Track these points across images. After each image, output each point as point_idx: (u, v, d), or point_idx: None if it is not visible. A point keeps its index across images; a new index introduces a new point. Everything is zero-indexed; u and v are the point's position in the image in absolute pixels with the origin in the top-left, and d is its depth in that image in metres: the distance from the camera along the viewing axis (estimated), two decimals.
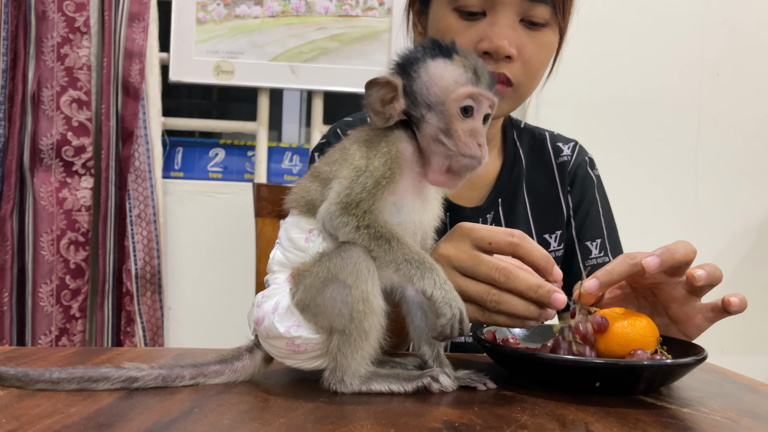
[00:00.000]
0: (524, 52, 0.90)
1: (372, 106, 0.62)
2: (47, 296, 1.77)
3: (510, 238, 0.66)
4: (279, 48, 1.93)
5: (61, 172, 1.79)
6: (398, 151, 0.61)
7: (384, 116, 0.61)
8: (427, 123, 0.61)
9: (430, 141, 0.61)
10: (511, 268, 0.65)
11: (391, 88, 0.61)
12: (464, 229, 0.69)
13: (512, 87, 0.91)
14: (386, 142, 0.61)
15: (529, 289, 0.64)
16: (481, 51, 0.89)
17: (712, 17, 2.07)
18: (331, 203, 0.60)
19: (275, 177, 2.04)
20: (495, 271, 0.65)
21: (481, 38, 0.88)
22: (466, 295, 0.66)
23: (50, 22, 1.76)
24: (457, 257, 0.67)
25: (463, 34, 0.89)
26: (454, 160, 0.61)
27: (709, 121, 2.08)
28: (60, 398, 0.55)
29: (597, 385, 0.61)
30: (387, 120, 0.61)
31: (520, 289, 0.64)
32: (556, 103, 1.96)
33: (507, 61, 0.89)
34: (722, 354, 2.05)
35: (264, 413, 0.53)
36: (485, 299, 0.65)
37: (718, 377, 0.73)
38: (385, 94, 0.61)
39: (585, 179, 1.07)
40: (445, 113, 0.61)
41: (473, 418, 0.53)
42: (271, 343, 0.62)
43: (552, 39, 0.93)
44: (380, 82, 0.61)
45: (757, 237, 2.12)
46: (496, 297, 0.65)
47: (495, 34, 0.87)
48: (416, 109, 0.61)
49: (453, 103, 0.61)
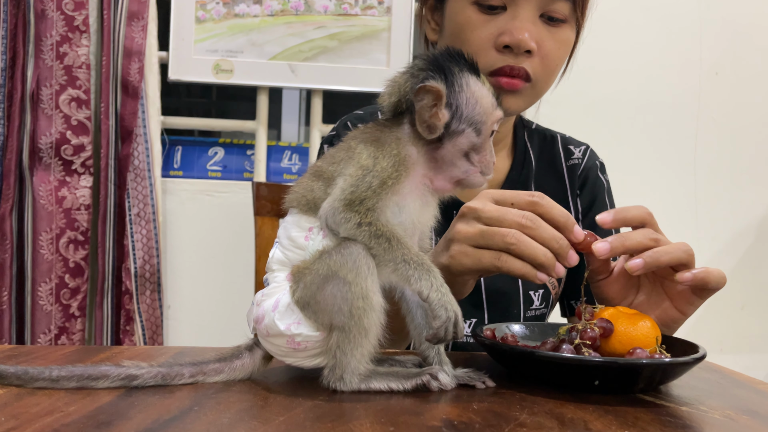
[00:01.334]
0: (543, 48, 0.90)
1: (421, 115, 0.61)
2: (46, 295, 1.77)
3: (530, 197, 0.69)
4: (278, 47, 1.92)
5: (61, 170, 1.79)
6: (407, 154, 0.62)
7: (429, 126, 0.61)
8: (465, 138, 0.62)
9: (458, 154, 0.63)
10: (539, 218, 0.68)
11: (436, 96, 0.61)
12: (488, 192, 0.72)
13: (530, 83, 0.91)
14: (396, 144, 0.61)
15: (552, 239, 0.67)
16: (501, 45, 0.88)
17: (711, 16, 2.07)
18: (335, 199, 0.60)
19: (274, 176, 2.04)
20: (522, 218, 0.67)
21: (502, 32, 0.88)
22: (489, 241, 0.68)
23: (49, 20, 1.76)
24: (484, 209, 0.69)
25: (483, 28, 0.89)
26: (471, 175, 0.63)
27: (708, 120, 2.08)
28: (59, 396, 0.55)
29: (596, 384, 0.61)
30: (432, 130, 0.61)
31: (543, 237, 0.67)
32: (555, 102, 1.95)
33: (527, 56, 0.89)
34: (721, 353, 2.05)
35: (263, 411, 0.53)
36: (508, 240, 0.67)
37: (717, 376, 0.73)
38: (429, 102, 0.61)
39: (596, 183, 1.07)
40: (483, 133, 0.63)
41: (472, 417, 0.53)
42: (271, 342, 0.62)
43: (570, 35, 0.93)
44: (429, 89, 0.61)
45: (755, 236, 2.12)
46: (521, 238, 0.67)
47: (516, 27, 0.87)
48: (457, 123, 0.62)
49: (490, 126, 0.63)
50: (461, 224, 0.71)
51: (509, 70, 0.89)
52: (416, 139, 0.62)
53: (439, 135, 0.61)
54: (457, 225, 0.71)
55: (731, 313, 2.08)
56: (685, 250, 0.70)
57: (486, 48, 0.89)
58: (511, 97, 0.91)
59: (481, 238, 0.69)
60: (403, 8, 1.94)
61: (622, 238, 0.70)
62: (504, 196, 0.71)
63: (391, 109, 0.64)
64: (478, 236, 0.69)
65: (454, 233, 0.71)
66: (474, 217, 0.70)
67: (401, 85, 0.63)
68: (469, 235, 0.70)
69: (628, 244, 0.70)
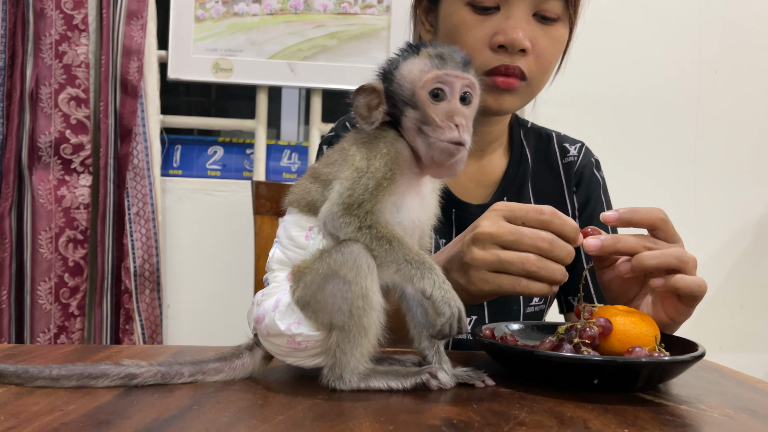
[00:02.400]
0: (538, 46, 0.90)
1: (358, 112, 0.63)
2: (46, 294, 1.77)
3: (541, 216, 0.70)
4: (278, 46, 1.92)
5: (60, 169, 1.79)
6: (397, 151, 0.62)
7: (369, 120, 0.63)
8: (406, 117, 0.62)
9: (414, 135, 0.62)
10: (554, 237, 0.69)
11: (376, 93, 0.63)
12: (497, 208, 0.72)
13: (525, 81, 0.91)
14: (385, 143, 0.62)
15: (568, 257, 0.69)
16: (495, 45, 0.89)
17: (710, 15, 2.07)
18: (333, 204, 0.60)
19: (274, 175, 2.04)
20: (540, 241, 0.68)
21: (496, 32, 0.89)
22: (509, 268, 0.69)
23: (48, 19, 1.76)
24: (498, 232, 0.70)
25: (477, 29, 0.90)
26: (434, 149, 0.61)
27: (708, 118, 2.08)
28: (59, 395, 0.55)
29: (595, 383, 0.61)
30: (371, 123, 0.63)
31: (561, 257, 0.69)
32: (555, 101, 1.95)
33: (521, 55, 0.90)
34: (720, 351, 2.06)
35: (263, 410, 0.53)
36: (527, 267, 0.68)
37: (716, 374, 0.73)
38: (371, 100, 0.63)
39: (591, 180, 1.07)
40: (418, 103, 0.61)
41: (472, 415, 0.53)
42: (271, 341, 0.62)
43: (563, 33, 0.94)
44: (366, 89, 0.63)
45: (754, 234, 2.12)
46: (540, 263, 0.68)
47: (510, 27, 0.88)
48: (397, 109, 0.62)
49: (421, 91, 0.61)
50: (477, 250, 0.71)
51: (504, 70, 0.90)
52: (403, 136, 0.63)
53: (374, 124, 0.63)
54: (474, 251, 0.71)
55: (730, 312, 2.08)
56: (677, 257, 0.70)
57: (481, 48, 0.90)
58: (507, 95, 0.92)
59: (500, 265, 0.70)
60: (402, 7, 1.93)
61: (616, 239, 0.71)
62: (514, 213, 0.71)
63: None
64: (497, 264, 0.70)
65: (471, 259, 0.71)
66: (490, 242, 0.70)
67: None
68: (487, 262, 0.70)
69: (620, 246, 0.71)
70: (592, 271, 1.00)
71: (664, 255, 0.70)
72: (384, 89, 0.63)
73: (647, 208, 0.73)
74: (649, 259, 0.69)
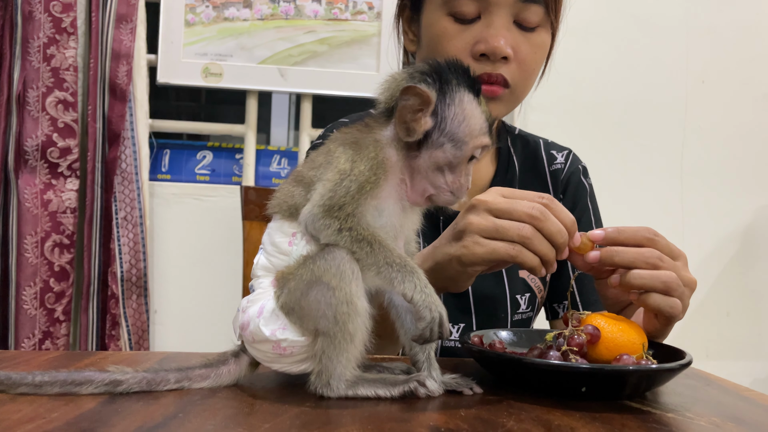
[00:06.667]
0: (520, 53, 0.91)
1: (403, 114, 0.61)
2: (31, 299, 1.75)
3: (540, 198, 0.70)
4: (268, 51, 1.92)
5: (46, 173, 1.77)
6: (385, 157, 0.61)
7: (409, 129, 0.61)
8: (443, 152, 0.61)
9: (433, 167, 0.62)
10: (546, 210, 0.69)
11: (424, 101, 0.60)
12: (497, 188, 0.73)
13: (509, 88, 0.91)
14: (374, 147, 0.61)
15: (558, 233, 0.69)
16: (477, 53, 0.89)
17: (697, 24, 2.09)
18: (314, 205, 0.60)
19: (263, 180, 2.04)
20: (533, 209, 0.68)
21: (477, 41, 0.89)
22: (504, 234, 0.69)
23: (37, 22, 1.74)
24: (494, 201, 0.70)
25: (459, 38, 0.90)
26: (441, 193, 0.63)
27: (695, 127, 2.10)
28: (42, 403, 0.54)
29: (583, 390, 0.61)
30: (411, 133, 0.61)
31: (551, 231, 0.68)
32: (543, 109, 1.97)
33: (503, 62, 0.90)
34: (706, 358, 2.07)
35: (249, 418, 0.53)
36: (523, 233, 0.68)
37: (703, 382, 0.73)
38: (415, 105, 0.60)
39: (578, 187, 1.07)
40: (462, 153, 0.62)
41: (459, 423, 0.53)
42: (257, 348, 0.61)
43: (545, 39, 0.94)
44: (418, 93, 0.60)
45: (741, 242, 2.14)
46: (530, 233, 0.68)
47: (491, 35, 0.88)
48: (438, 134, 0.61)
49: (472, 149, 0.62)
50: (473, 216, 0.71)
51: (487, 78, 0.90)
52: (398, 143, 0.62)
53: (417, 141, 0.61)
54: (469, 216, 0.71)
55: (717, 320, 2.09)
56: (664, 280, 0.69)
57: (462, 57, 0.90)
58: (491, 103, 0.92)
59: (495, 231, 0.69)
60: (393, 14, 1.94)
61: (615, 251, 0.70)
62: (514, 194, 0.71)
63: (384, 105, 0.63)
64: (492, 229, 0.69)
65: (465, 224, 0.71)
66: (485, 209, 0.70)
67: (398, 82, 0.62)
68: (482, 227, 0.70)
69: (617, 259, 0.70)
70: (579, 278, 1.00)
71: (652, 277, 0.69)
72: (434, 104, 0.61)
73: (634, 228, 0.72)
74: (635, 278, 0.69)
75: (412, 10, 0.99)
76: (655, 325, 0.74)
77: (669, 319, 0.72)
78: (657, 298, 0.70)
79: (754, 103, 2.12)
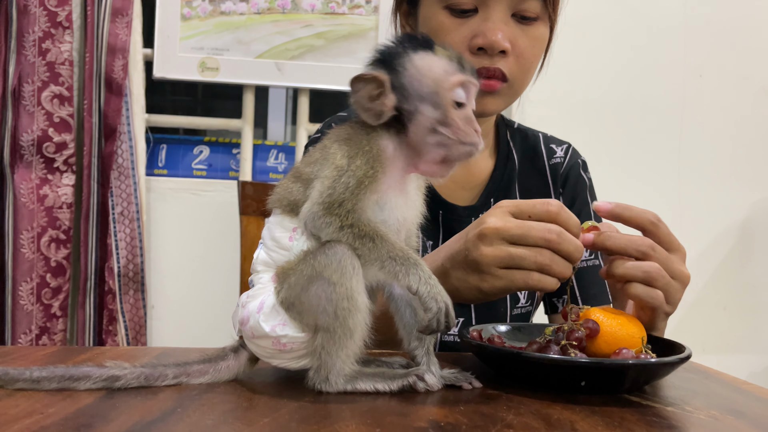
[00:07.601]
0: (518, 46, 0.90)
1: (360, 103, 0.61)
2: (27, 294, 1.74)
3: (548, 207, 0.69)
4: (265, 45, 1.91)
5: (42, 168, 1.77)
6: (379, 148, 0.60)
7: (374, 113, 0.60)
8: (422, 115, 0.60)
9: (426, 133, 0.61)
10: (562, 230, 0.67)
11: (378, 83, 0.60)
12: (502, 205, 0.71)
13: (507, 82, 0.91)
14: (367, 140, 0.60)
15: (576, 251, 0.68)
16: (475, 47, 0.89)
17: (695, 19, 2.09)
18: (314, 203, 0.59)
19: (260, 175, 2.03)
20: (548, 233, 0.67)
21: (475, 34, 0.89)
22: (520, 264, 0.68)
23: (32, 16, 1.73)
24: (505, 227, 0.68)
25: (456, 32, 0.89)
26: (453, 148, 0.61)
27: (692, 121, 2.10)
28: (39, 398, 0.54)
29: (582, 384, 0.61)
30: (378, 116, 0.60)
31: (569, 251, 0.67)
32: (541, 104, 1.96)
33: (501, 56, 0.89)
34: (703, 352, 2.07)
35: (248, 413, 0.53)
36: (540, 261, 0.67)
37: (701, 376, 0.74)
38: (371, 90, 0.60)
39: (578, 181, 1.07)
40: (440, 103, 0.60)
41: (459, 418, 0.53)
42: (256, 343, 0.61)
43: (543, 32, 0.93)
44: (366, 78, 0.60)
45: (738, 236, 2.14)
46: (552, 257, 0.67)
47: (488, 29, 0.88)
48: (408, 103, 0.60)
49: (446, 93, 0.60)
50: (485, 247, 0.69)
51: (485, 72, 0.89)
52: (390, 132, 0.61)
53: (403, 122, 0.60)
54: (482, 248, 0.69)
55: (714, 314, 2.10)
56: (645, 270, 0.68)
57: (460, 51, 0.89)
58: (489, 98, 0.91)
59: (511, 261, 0.68)
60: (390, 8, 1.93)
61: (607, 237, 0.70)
62: (520, 208, 0.70)
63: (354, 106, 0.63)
64: (507, 259, 0.68)
65: (480, 256, 0.69)
66: (497, 238, 0.69)
67: None
68: (498, 258, 0.68)
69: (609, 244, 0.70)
70: (579, 272, 1.00)
71: (633, 266, 0.69)
72: (389, 80, 0.60)
73: (641, 209, 0.72)
74: (617, 268, 0.69)
75: (409, 4, 0.99)
76: (642, 318, 0.74)
77: (653, 310, 0.71)
78: (638, 288, 0.69)
79: (752, 98, 2.12)
